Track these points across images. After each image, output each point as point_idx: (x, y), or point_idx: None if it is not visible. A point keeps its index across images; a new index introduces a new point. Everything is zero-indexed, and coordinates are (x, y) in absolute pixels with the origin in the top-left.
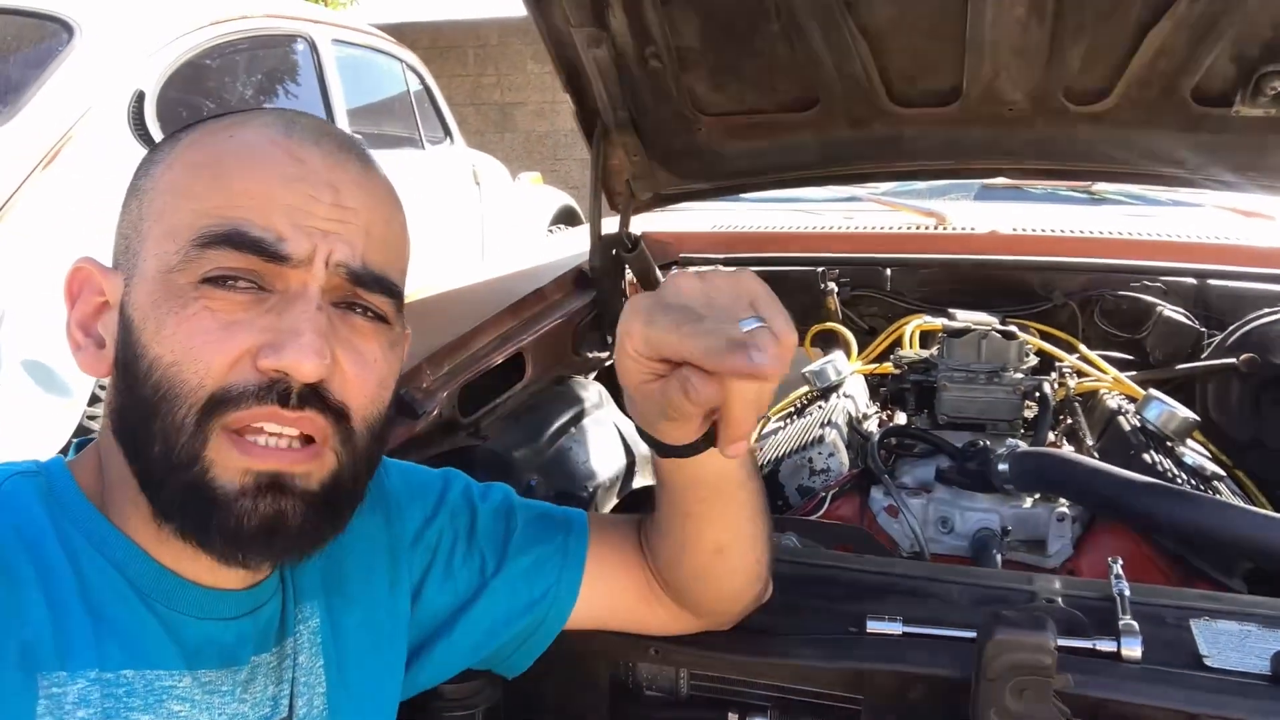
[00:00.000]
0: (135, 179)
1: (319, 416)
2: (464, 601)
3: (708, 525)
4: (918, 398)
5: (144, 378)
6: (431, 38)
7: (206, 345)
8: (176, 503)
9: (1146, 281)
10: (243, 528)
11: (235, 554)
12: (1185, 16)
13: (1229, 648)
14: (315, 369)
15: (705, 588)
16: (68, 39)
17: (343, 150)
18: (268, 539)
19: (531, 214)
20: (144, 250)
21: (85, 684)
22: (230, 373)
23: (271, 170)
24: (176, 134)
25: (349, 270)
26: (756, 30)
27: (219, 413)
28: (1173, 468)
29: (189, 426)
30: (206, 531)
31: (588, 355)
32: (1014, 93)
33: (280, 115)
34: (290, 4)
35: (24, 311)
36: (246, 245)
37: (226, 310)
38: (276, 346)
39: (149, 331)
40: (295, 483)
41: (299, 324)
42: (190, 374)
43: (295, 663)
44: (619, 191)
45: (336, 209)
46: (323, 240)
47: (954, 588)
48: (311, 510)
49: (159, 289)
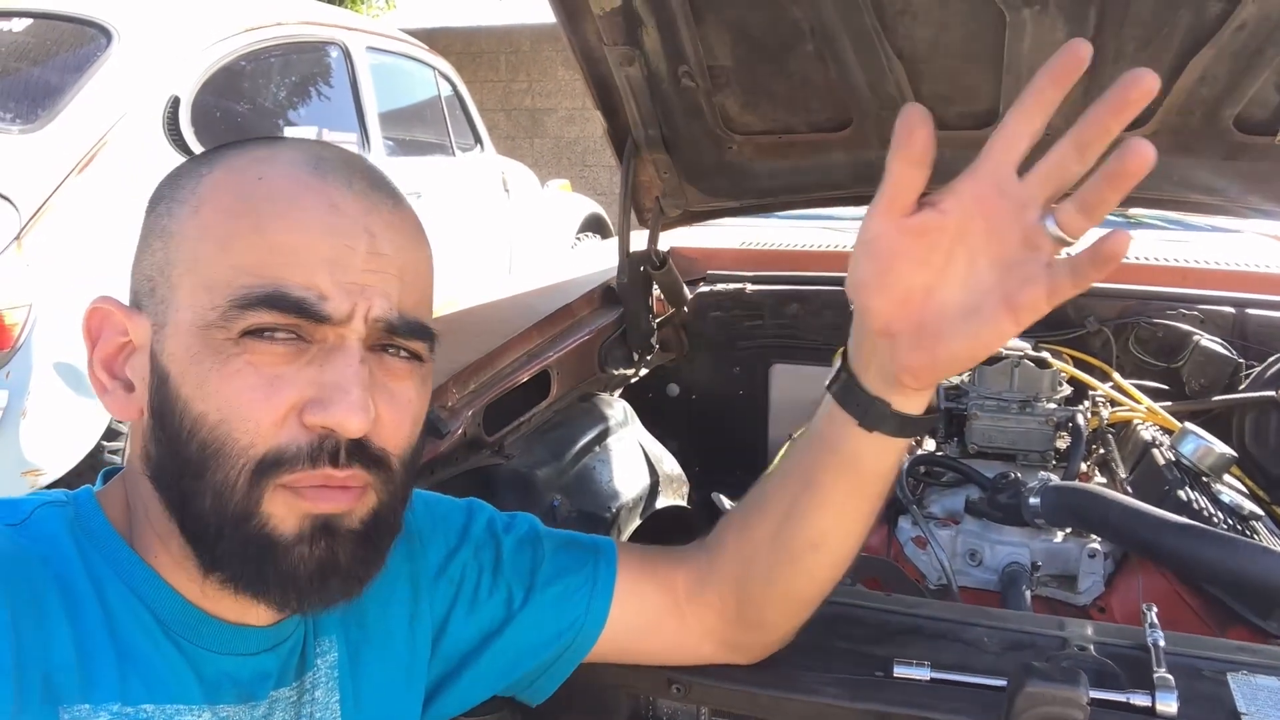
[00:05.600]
0: (156, 216)
1: (363, 471)
2: (490, 633)
3: (823, 508)
4: (948, 425)
5: (189, 434)
6: (465, 43)
7: (254, 403)
8: (233, 555)
9: (1183, 309)
10: (299, 573)
11: (292, 599)
12: (1229, 44)
13: (1268, 705)
14: (361, 425)
15: (777, 590)
16: (106, 44)
17: (375, 190)
18: (323, 582)
19: (560, 222)
20: (176, 299)
21: (108, 717)
22: (279, 431)
23: (309, 219)
24: (196, 167)
25: (387, 324)
26: (790, 50)
27: (272, 473)
28: (1208, 505)
29: (242, 486)
30: (265, 581)
31: (614, 372)
32: (1052, 117)
33: (306, 150)
34: (324, 11)
35: (57, 314)
36: (289, 307)
37: (269, 364)
38: (324, 403)
39: (190, 386)
40: (342, 523)
41: (344, 380)
42: (240, 433)
43: (313, 698)
44: (648, 208)
45: (373, 258)
46: (361, 296)
47: (983, 631)
48: (358, 548)
49: (197, 343)
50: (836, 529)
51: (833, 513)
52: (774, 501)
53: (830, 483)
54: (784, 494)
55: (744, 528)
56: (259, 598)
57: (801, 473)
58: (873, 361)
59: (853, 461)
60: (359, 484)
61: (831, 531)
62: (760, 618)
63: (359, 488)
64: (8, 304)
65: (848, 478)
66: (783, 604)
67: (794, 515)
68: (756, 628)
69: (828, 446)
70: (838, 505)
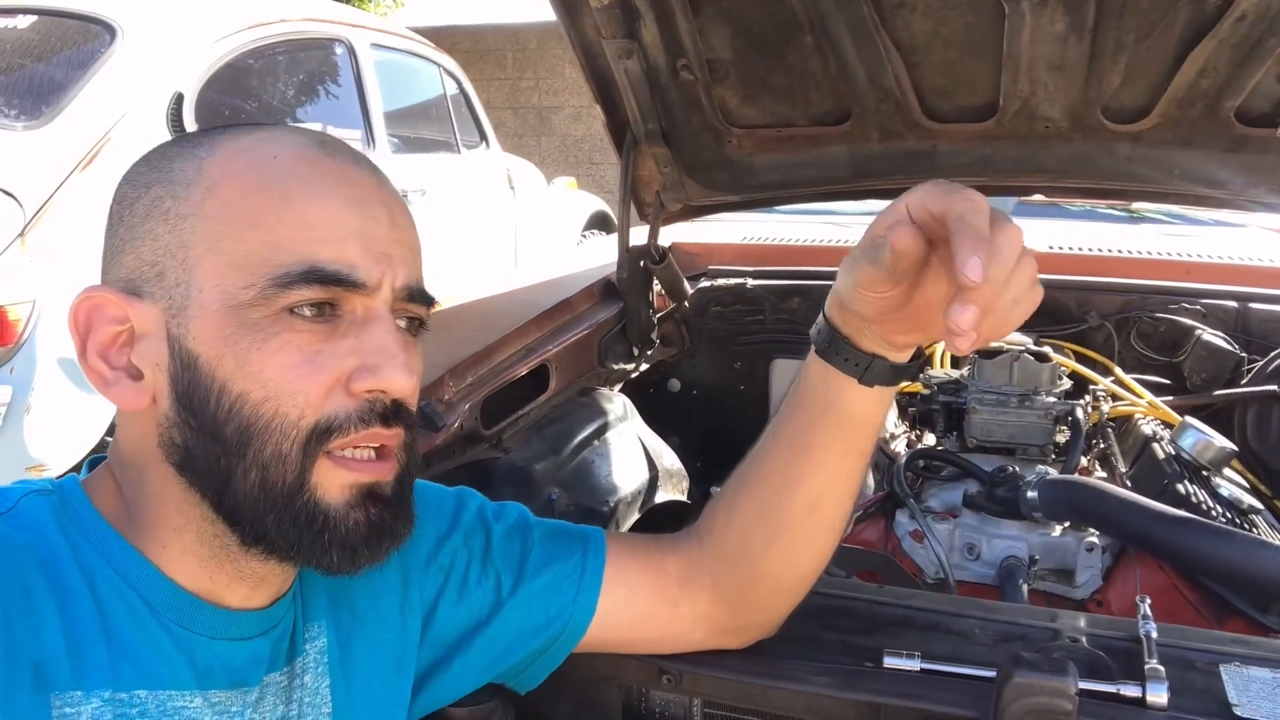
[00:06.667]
0: (150, 200)
1: (404, 431)
2: (479, 621)
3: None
4: (947, 419)
5: (228, 414)
6: (472, 41)
7: (300, 378)
8: (285, 528)
9: (1185, 304)
10: (354, 538)
11: (348, 564)
12: (1229, 36)
13: (1260, 696)
14: (409, 385)
15: (774, 562)
16: (110, 41)
17: (370, 167)
18: (376, 543)
19: (565, 219)
20: (197, 279)
21: (99, 704)
22: (327, 402)
23: (334, 194)
24: (188, 151)
25: (409, 290)
26: (789, 43)
27: (324, 441)
28: (1208, 500)
29: (294, 457)
30: (325, 549)
31: (613, 367)
32: (1051, 109)
33: (303, 132)
34: (329, 8)
35: (61, 310)
36: (326, 279)
37: (309, 342)
38: (372, 368)
39: (228, 367)
40: (384, 489)
41: (388, 344)
42: (290, 407)
43: (303, 683)
44: (648, 202)
45: (393, 229)
46: (388, 265)
47: (975, 623)
48: (397, 510)
49: (230, 323)
50: (832, 489)
51: (829, 472)
52: (763, 475)
53: (826, 444)
54: (774, 464)
55: (732, 507)
56: (316, 565)
57: (793, 439)
58: (865, 330)
59: (850, 418)
60: (397, 444)
61: (827, 492)
62: (755, 597)
63: (393, 456)
64: (11, 300)
65: (845, 434)
66: (778, 580)
67: (789, 483)
68: (752, 608)
69: (821, 408)
70: (834, 464)
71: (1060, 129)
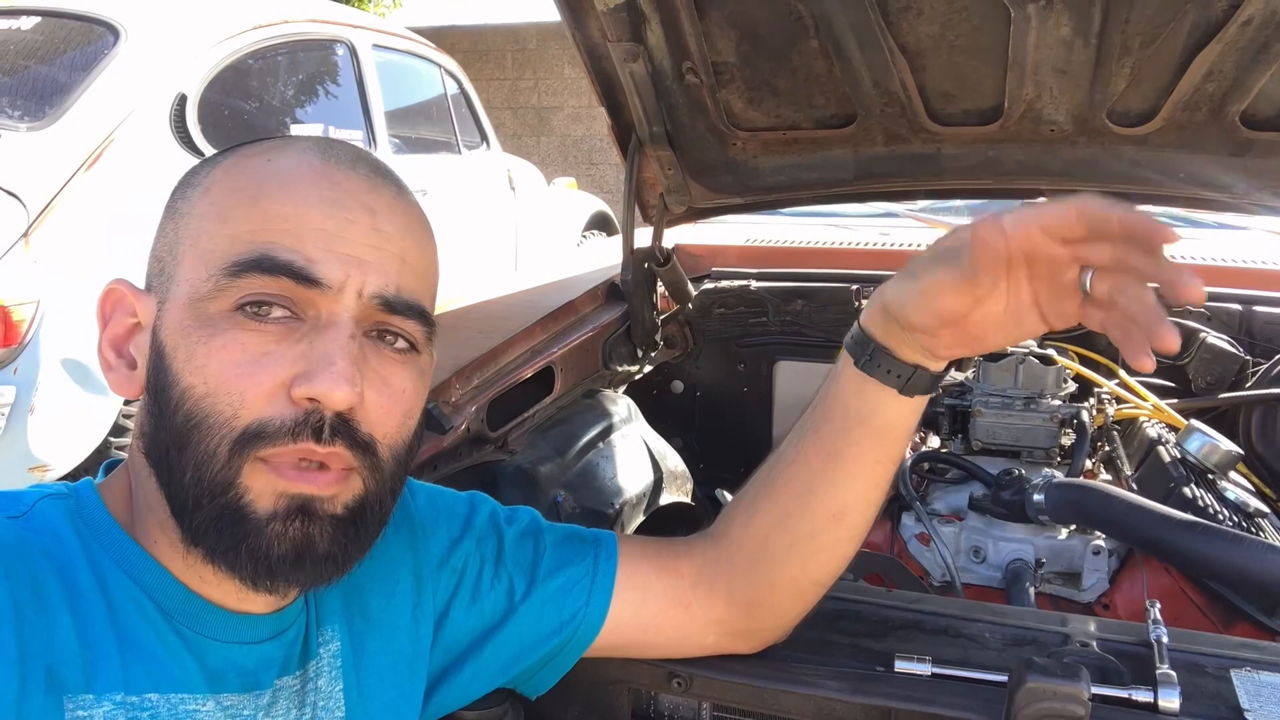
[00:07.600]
0: (172, 201)
1: (347, 451)
2: (492, 625)
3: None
4: (952, 422)
5: (175, 406)
6: (471, 41)
7: (239, 377)
8: (208, 527)
9: (1190, 306)
10: (272, 551)
11: (264, 578)
12: (1236, 40)
13: (1272, 702)
14: (346, 396)
15: (794, 567)
16: (113, 42)
17: (378, 175)
18: (296, 562)
19: (566, 220)
20: (177, 274)
21: (111, 707)
22: (266, 406)
23: (306, 193)
24: (215, 158)
25: (383, 300)
26: (794, 46)
27: (254, 446)
28: (1214, 503)
29: (221, 456)
30: (236, 554)
31: (617, 369)
32: (1056, 113)
33: (317, 141)
34: (331, 9)
35: (65, 311)
36: (277, 269)
37: (258, 343)
38: (309, 375)
39: (179, 360)
40: (323, 507)
41: (331, 351)
42: (224, 405)
43: (316, 686)
44: (652, 205)
45: (374, 233)
46: (358, 269)
47: (985, 627)
48: (339, 533)
49: (188, 317)
50: (859, 498)
51: (858, 480)
52: (788, 480)
53: (858, 453)
54: (799, 471)
55: (751, 513)
56: (231, 571)
57: (821, 446)
58: (906, 341)
59: (884, 427)
60: (341, 465)
61: (854, 501)
62: (771, 601)
63: (341, 470)
64: (15, 300)
65: (878, 443)
66: (796, 584)
67: (814, 489)
68: (767, 612)
69: (855, 418)
70: (864, 472)
71: (1065, 132)
